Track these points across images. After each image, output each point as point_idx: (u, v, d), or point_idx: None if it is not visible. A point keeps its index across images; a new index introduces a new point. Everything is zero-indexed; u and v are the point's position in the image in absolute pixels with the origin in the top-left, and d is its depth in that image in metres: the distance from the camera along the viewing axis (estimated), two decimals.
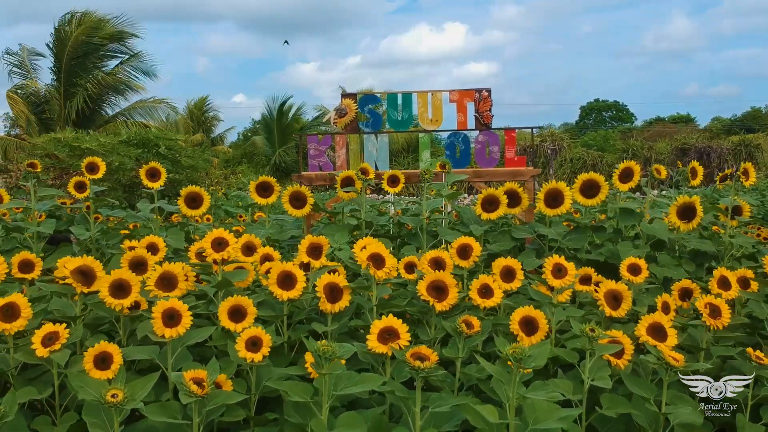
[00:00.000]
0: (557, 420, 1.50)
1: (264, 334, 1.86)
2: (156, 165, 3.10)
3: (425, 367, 1.52)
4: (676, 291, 2.48)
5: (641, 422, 1.87)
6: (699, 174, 3.12)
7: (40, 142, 8.97)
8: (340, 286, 2.24)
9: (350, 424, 1.47)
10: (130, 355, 1.88)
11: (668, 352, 1.87)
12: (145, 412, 1.53)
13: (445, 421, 1.63)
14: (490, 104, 5.20)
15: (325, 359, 1.49)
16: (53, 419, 1.93)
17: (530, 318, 2.10)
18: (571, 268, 2.29)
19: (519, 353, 1.46)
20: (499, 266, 2.43)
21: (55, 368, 1.95)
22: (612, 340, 2.01)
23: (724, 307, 2.11)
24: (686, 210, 2.85)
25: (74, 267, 2.14)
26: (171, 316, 1.87)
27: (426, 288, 2.23)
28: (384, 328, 1.83)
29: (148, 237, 2.62)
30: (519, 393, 1.50)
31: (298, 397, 1.52)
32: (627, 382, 1.87)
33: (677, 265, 2.86)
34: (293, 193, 3.18)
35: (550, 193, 3.03)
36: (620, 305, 2.30)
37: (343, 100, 5.35)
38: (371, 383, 1.53)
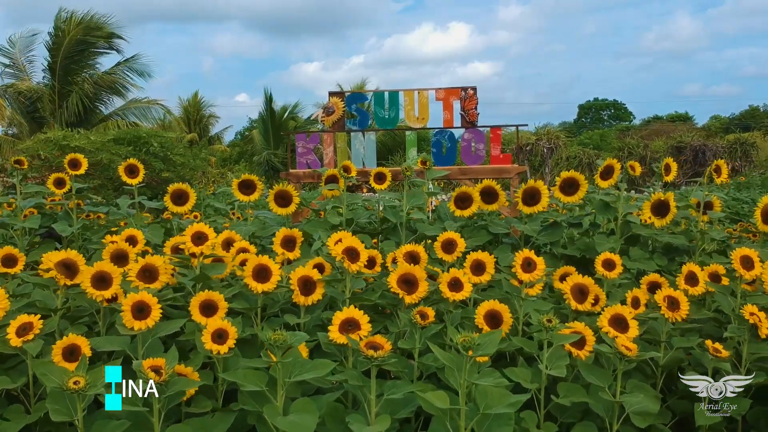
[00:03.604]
0: (507, 405, 1.55)
1: (230, 326, 1.90)
2: (134, 162, 3.15)
3: (378, 356, 1.57)
4: (644, 285, 2.53)
5: (597, 410, 1.92)
6: (673, 170, 3.17)
7: (31, 144, 9.01)
8: (313, 279, 2.29)
9: (304, 410, 1.52)
10: (101, 346, 1.92)
11: (623, 342, 1.92)
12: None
13: (400, 408, 1.68)
14: (476, 102, 5.25)
15: (277, 347, 1.54)
16: (27, 408, 1.98)
17: (495, 312, 2.15)
18: (540, 263, 2.34)
19: (468, 342, 1.52)
20: (470, 260, 2.48)
21: (29, 358, 2.00)
22: (574, 331, 2.06)
23: (682, 300, 2.16)
24: (660, 206, 2.91)
25: (58, 260, 2.19)
26: (140, 309, 1.91)
27: (396, 281, 2.28)
28: (345, 320, 1.88)
29: (127, 230, 2.67)
30: (469, 380, 1.55)
31: (252, 386, 1.57)
32: (583, 372, 1.92)
33: (648, 259, 2.92)
34: (279, 192, 3.22)
35: (528, 192, 3.09)
36: (587, 299, 2.35)
37: (331, 98, 5.40)
38: (324, 369, 1.58)
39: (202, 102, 31.52)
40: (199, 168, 12.85)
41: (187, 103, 30.66)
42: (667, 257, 3.03)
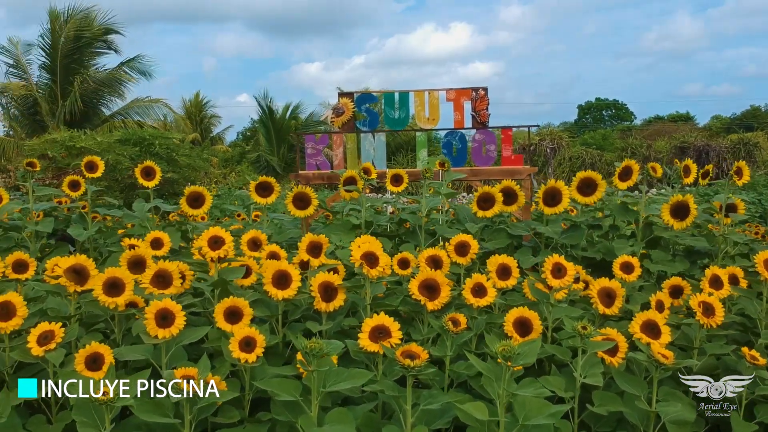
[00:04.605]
0: (547, 416, 1.51)
1: (258, 334, 1.86)
2: (151, 164, 3.10)
3: (416, 365, 1.53)
4: (666, 288, 2.49)
5: (632, 419, 1.88)
6: (692, 172, 3.12)
7: (36, 144, 8.96)
8: (334, 285, 2.24)
9: (340, 420, 1.48)
10: (124, 356, 1.88)
11: (658, 349, 1.88)
12: (136, 410, 1.53)
13: (436, 419, 1.64)
14: (487, 103, 5.20)
15: (313, 356, 1.50)
16: (49, 418, 1.94)
17: (524, 319, 2.09)
18: (570, 268, 2.29)
19: (508, 351, 1.47)
20: (495, 264, 2.43)
21: (51, 367, 1.96)
22: (606, 337, 2.02)
23: (717, 306, 2.11)
24: (679, 208, 2.85)
25: (67, 266, 2.14)
26: (164, 317, 1.87)
27: (418, 287, 2.24)
28: (376, 327, 1.84)
29: (152, 232, 2.62)
30: (509, 390, 1.50)
31: (287, 395, 1.53)
32: (618, 380, 1.88)
33: (671, 261, 2.87)
34: (297, 194, 3.17)
35: (549, 192, 3.03)
36: (614, 303, 2.31)
37: (341, 99, 5.35)
38: (360, 379, 1.54)
39: (204, 102, 31.48)
40: (202, 168, 12.82)
41: (189, 103, 30.60)
42: (689, 260, 2.98)
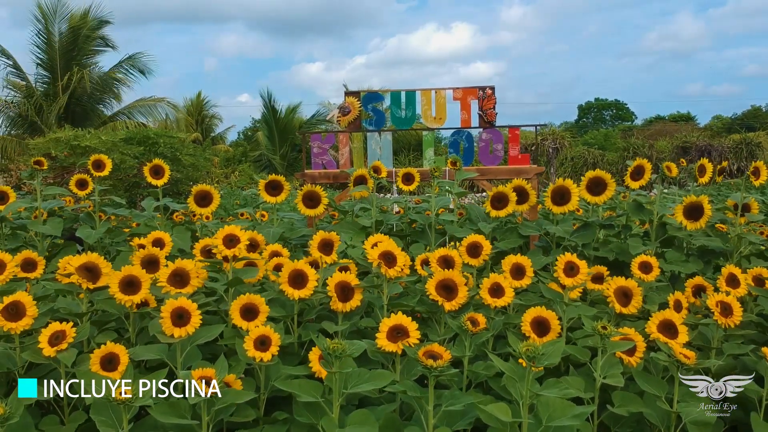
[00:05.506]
0: (571, 417, 1.48)
1: (273, 333, 1.84)
2: (160, 162, 3.08)
3: (438, 366, 1.50)
4: (689, 288, 2.46)
5: (653, 420, 1.86)
6: (708, 172, 3.09)
7: (41, 142, 8.94)
8: (351, 285, 2.21)
9: (362, 422, 1.45)
10: (139, 355, 1.86)
11: (679, 349, 1.85)
12: (154, 412, 1.51)
13: (457, 419, 1.62)
14: (494, 102, 5.17)
15: (335, 357, 1.48)
16: (61, 418, 1.91)
17: (542, 318, 2.07)
18: (583, 266, 2.26)
19: (532, 351, 1.45)
20: (509, 263, 2.40)
21: (62, 367, 1.94)
22: (624, 337, 2.00)
23: (735, 305, 2.09)
24: (693, 209, 2.82)
25: (79, 264, 2.12)
26: (180, 315, 1.85)
27: (435, 287, 2.21)
28: (394, 326, 1.81)
29: (154, 232, 2.60)
30: (532, 391, 1.48)
31: (308, 396, 1.51)
32: (638, 380, 1.86)
33: (685, 261, 2.85)
34: (307, 193, 3.15)
35: (558, 191, 3.01)
36: (630, 302, 2.29)
37: (347, 98, 5.33)
38: (382, 380, 1.52)
39: (205, 102, 31.47)
40: (204, 168, 12.79)
41: (190, 103, 30.58)
42: (703, 260, 2.96)
